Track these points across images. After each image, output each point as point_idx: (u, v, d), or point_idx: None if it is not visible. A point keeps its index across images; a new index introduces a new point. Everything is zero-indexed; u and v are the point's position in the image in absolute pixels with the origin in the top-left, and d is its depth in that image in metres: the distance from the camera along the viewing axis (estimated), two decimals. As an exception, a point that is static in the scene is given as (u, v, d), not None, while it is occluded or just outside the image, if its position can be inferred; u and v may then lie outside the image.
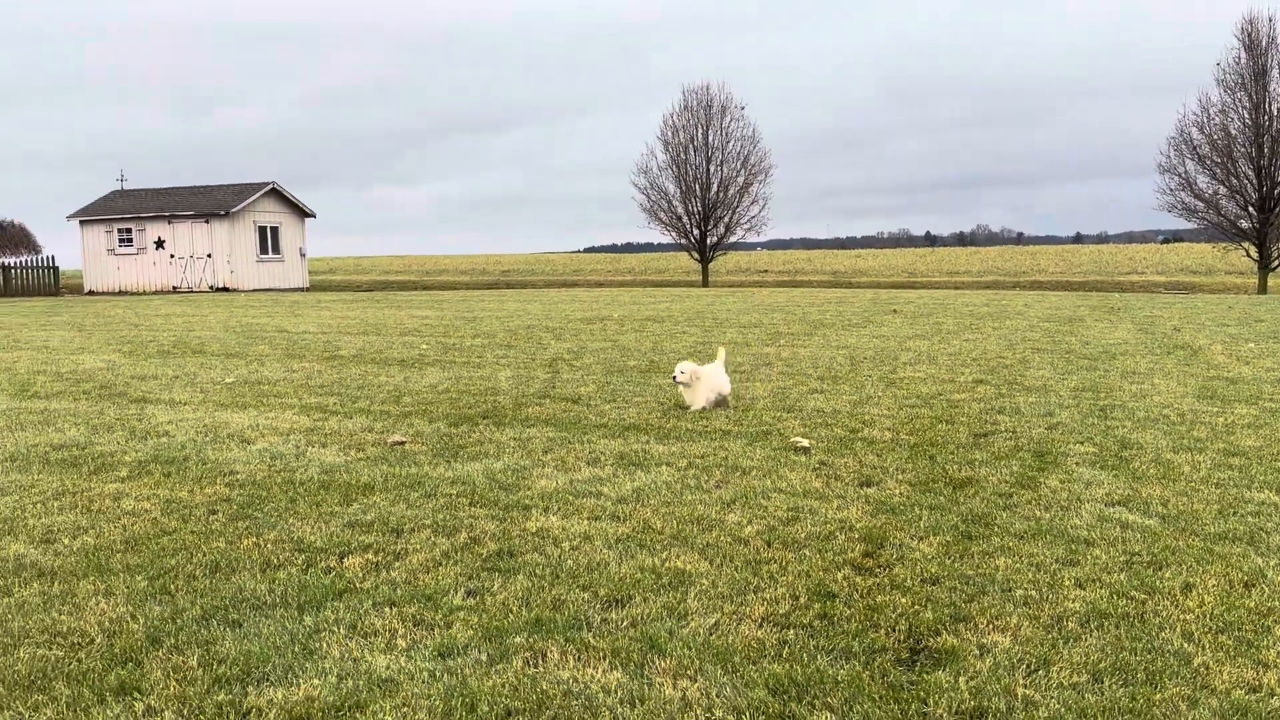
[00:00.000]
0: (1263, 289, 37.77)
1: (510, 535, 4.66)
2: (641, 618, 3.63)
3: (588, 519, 4.93)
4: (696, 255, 46.16)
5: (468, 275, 65.41)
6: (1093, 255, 70.03)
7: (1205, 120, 38.79)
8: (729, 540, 4.51)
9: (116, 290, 42.54)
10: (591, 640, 3.44)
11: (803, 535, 4.58)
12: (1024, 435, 6.94)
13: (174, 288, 41.98)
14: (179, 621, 3.67)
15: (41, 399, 9.12)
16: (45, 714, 3.01)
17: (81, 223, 43.74)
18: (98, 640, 3.51)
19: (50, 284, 42.64)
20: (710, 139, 44.62)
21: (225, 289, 41.04)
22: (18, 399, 9.14)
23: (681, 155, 44.87)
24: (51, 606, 3.83)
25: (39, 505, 5.34)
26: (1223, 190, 39.11)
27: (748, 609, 3.70)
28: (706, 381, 7.95)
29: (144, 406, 8.57)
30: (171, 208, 42.72)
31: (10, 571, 4.25)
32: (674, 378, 8.12)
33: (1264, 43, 37.51)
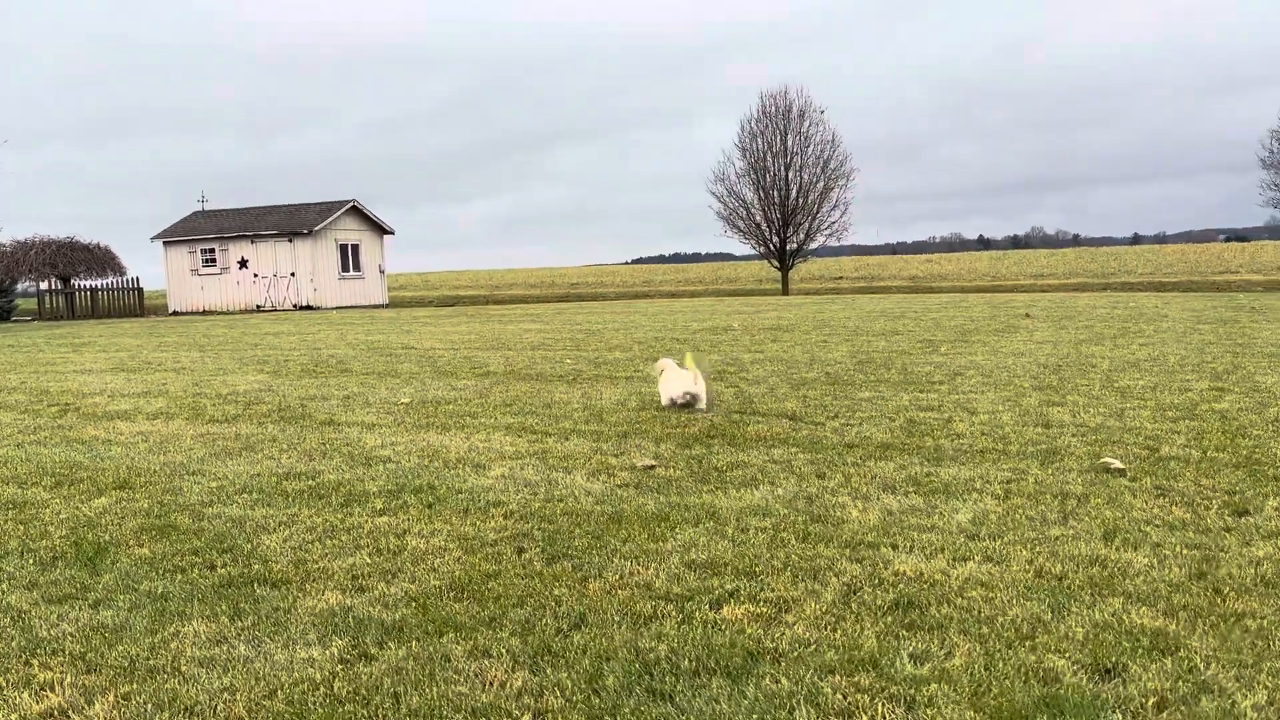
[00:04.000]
0: (1380, 286, 36.08)
1: (885, 580, 4.06)
2: (1165, 696, 3.00)
3: (952, 559, 4.31)
4: (776, 263, 45.40)
5: (537, 289, 65.28)
6: (1178, 254, 67.84)
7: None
8: (1165, 587, 3.87)
9: (200, 310, 42.87)
10: (1136, 722, 2.82)
11: (1247, 579, 3.92)
12: (1346, 451, 6.19)
13: (258, 306, 42.20)
14: (603, 695, 3.11)
15: (222, 423, 8.73)
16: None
17: (165, 244, 44.20)
18: (525, 720, 2.97)
19: (134, 305, 43.17)
20: (789, 144, 43.93)
21: (309, 307, 41.15)
22: (198, 423, 8.77)
23: (760, 162, 44.22)
24: (435, 674, 3.30)
25: (317, 544, 4.86)
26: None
27: (1288, 678, 3.05)
28: (664, 380, 8.65)
29: (339, 430, 8.13)
30: (254, 227, 43.00)
31: (352, 628, 3.74)
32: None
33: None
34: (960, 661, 3.26)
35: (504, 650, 3.48)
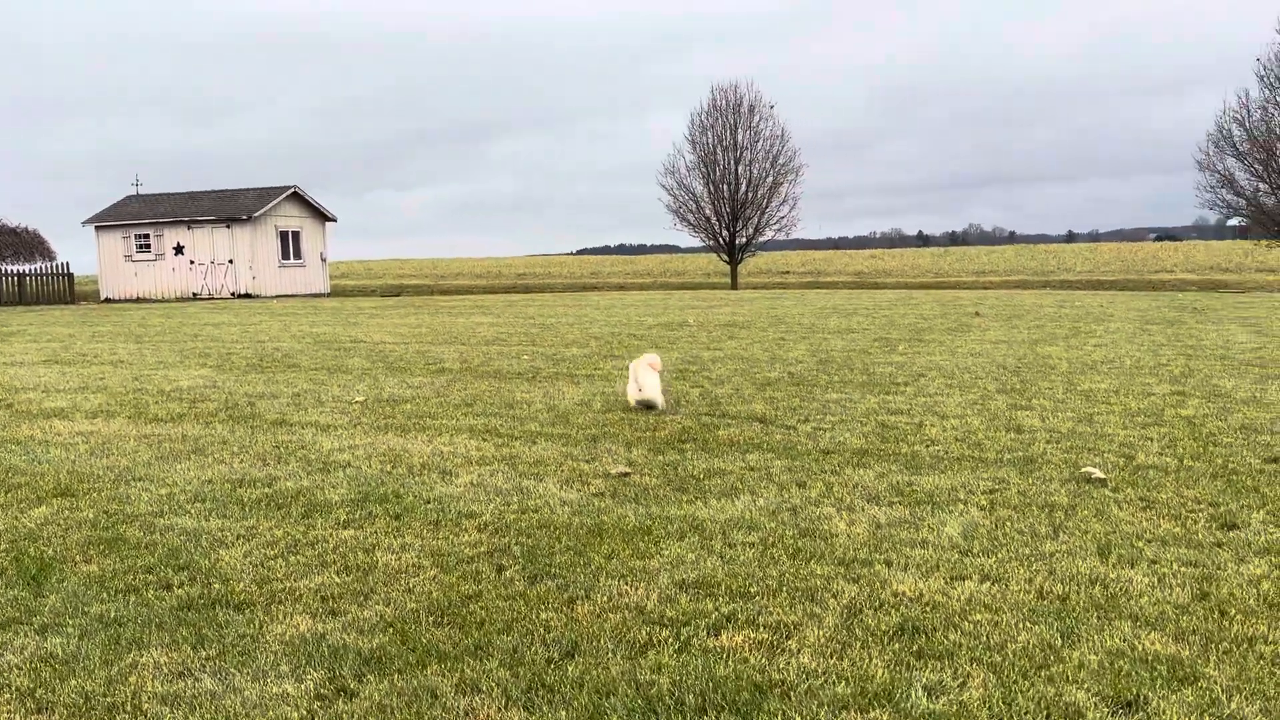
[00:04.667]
0: (1307, 287, 37.18)
1: (884, 602, 3.92)
2: (1192, 726, 2.90)
3: (950, 577, 4.19)
4: (725, 257, 45.39)
5: (483, 279, 64.58)
6: (1114, 253, 69.34)
7: (1245, 116, 38.22)
8: (1171, 609, 3.78)
9: (134, 297, 41.59)
10: (1171, 763, 2.70)
11: (1251, 600, 3.85)
12: (1317, 460, 6.21)
13: (194, 294, 41.06)
14: (608, 735, 2.92)
15: (167, 423, 8.34)
16: None
17: (97, 228, 42.80)
18: (527, 766, 2.77)
19: (65, 291, 41.59)
20: (739, 138, 43.89)
21: (247, 295, 40.15)
22: (141, 422, 8.37)
23: (710, 155, 44.10)
24: (424, 713, 3.08)
25: (280, 560, 4.59)
26: (1263, 187, 38.52)
27: (1314, 712, 2.97)
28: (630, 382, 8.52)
29: (292, 431, 7.80)
30: (191, 212, 41.82)
31: (329, 656, 3.49)
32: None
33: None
34: (977, 694, 3.12)
35: (494, 684, 3.26)
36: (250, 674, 3.40)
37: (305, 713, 3.10)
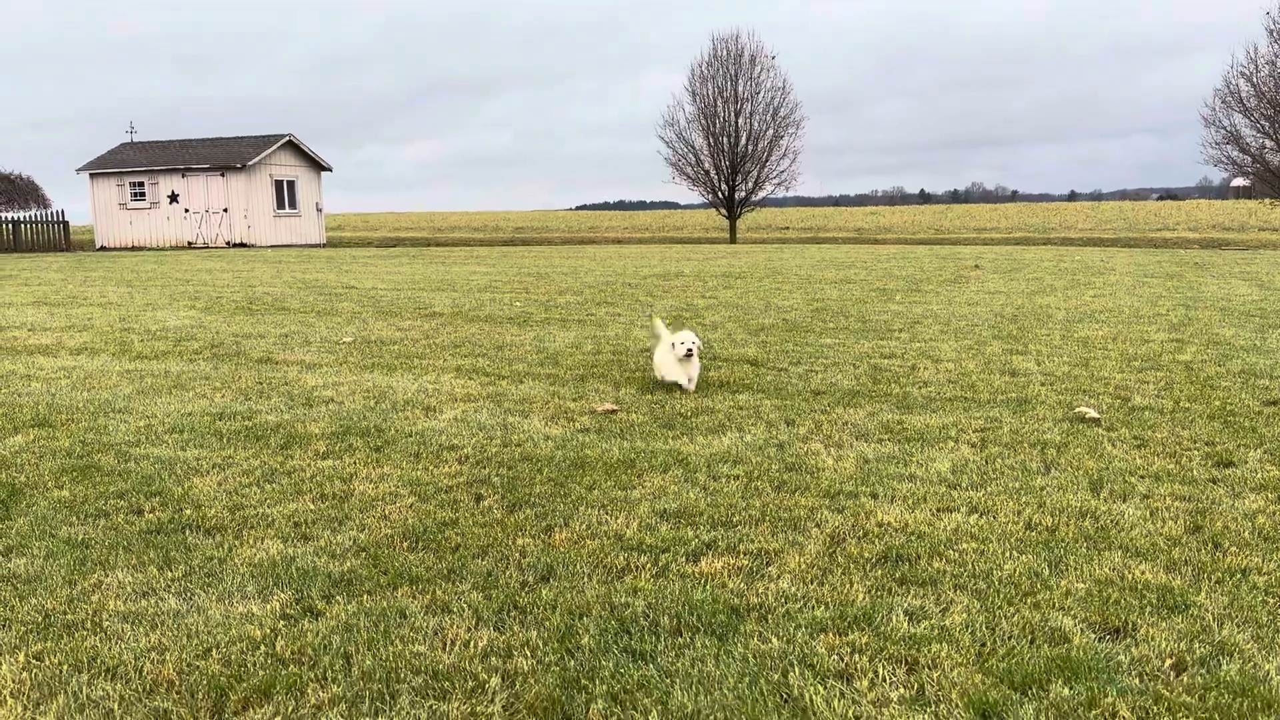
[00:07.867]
0: (1310, 246, 36.88)
1: (868, 531, 3.83)
2: (1182, 657, 2.81)
3: (937, 509, 4.10)
4: (724, 212, 44.95)
5: (481, 232, 64.08)
6: (1116, 211, 68.85)
7: (1253, 72, 37.63)
8: (1162, 541, 3.68)
9: (129, 245, 41.31)
10: (1165, 693, 2.61)
11: (1245, 533, 3.75)
12: (1315, 404, 6.11)
13: (189, 243, 40.76)
14: (578, 655, 2.83)
15: (151, 360, 8.22)
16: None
17: (91, 176, 42.37)
18: (494, 687, 2.68)
19: (60, 239, 41.34)
20: (740, 90, 43.26)
21: (242, 244, 39.84)
22: (124, 359, 8.25)
23: (711, 107, 43.49)
24: (390, 632, 2.99)
25: (254, 489, 4.49)
26: (1269, 144, 38.04)
27: (1307, 638, 2.88)
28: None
29: (277, 368, 7.68)
30: (185, 160, 41.37)
31: (298, 578, 3.40)
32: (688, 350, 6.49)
33: (1318, -9, 36.24)
34: (960, 619, 3.04)
35: (465, 605, 3.17)
36: (216, 594, 3.31)
37: (269, 631, 3.01)
